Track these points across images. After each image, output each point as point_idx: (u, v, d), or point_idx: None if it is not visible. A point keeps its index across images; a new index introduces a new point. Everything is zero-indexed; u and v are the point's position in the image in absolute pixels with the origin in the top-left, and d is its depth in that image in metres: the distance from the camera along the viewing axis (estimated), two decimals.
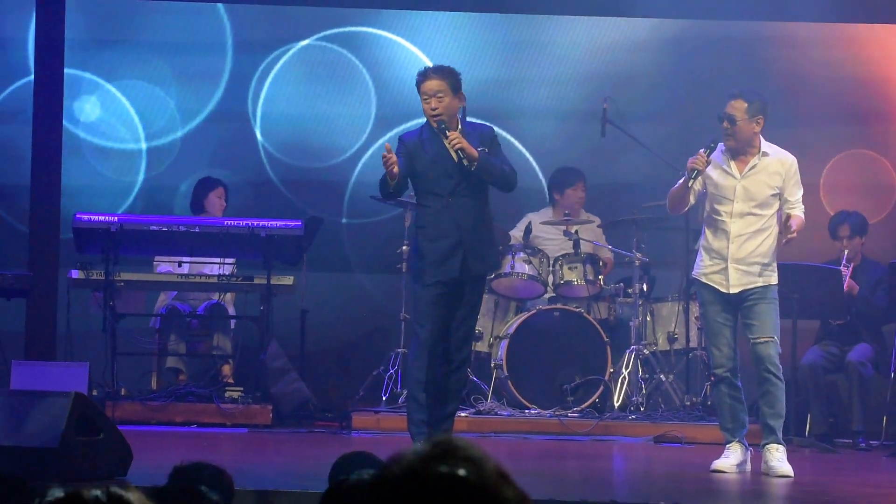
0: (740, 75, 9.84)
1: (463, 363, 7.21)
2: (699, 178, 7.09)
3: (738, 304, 7.13)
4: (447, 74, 7.09)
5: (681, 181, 7.16)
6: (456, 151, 6.95)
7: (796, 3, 9.77)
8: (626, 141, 9.79)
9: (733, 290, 7.10)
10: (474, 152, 6.94)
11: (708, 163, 7.05)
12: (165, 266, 9.65)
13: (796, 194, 7.15)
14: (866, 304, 9.17)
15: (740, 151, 7.15)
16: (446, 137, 6.97)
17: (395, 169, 6.86)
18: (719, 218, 7.14)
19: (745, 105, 7.11)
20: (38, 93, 9.97)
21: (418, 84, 7.11)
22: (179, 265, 9.41)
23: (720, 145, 7.21)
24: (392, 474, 1.83)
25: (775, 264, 7.17)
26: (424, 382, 7.01)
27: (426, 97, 7.05)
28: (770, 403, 7.07)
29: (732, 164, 7.14)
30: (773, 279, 7.14)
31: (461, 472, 1.81)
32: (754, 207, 7.10)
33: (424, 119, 7.17)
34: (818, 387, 9.01)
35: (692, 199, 7.23)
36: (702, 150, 7.07)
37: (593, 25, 10.76)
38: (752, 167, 7.13)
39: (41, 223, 9.86)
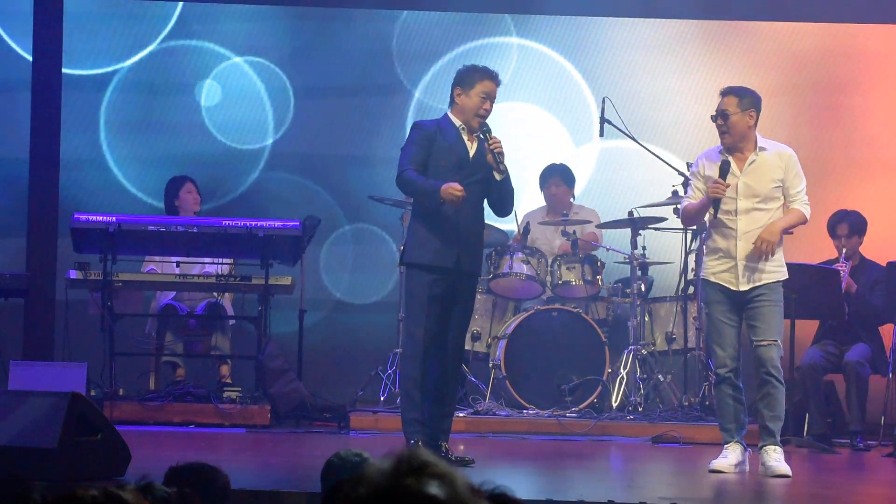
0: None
1: (458, 363, 7.21)
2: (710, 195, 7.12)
3: (745, 304, 7.12)
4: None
5: (698, 202, 7.16)
6: (494, 154, 6.96)
7: None
8: (625, 140, 9.79)
9: (743, 288, 7.10)
10: (504, 166, 7.01)
11: (727, 186, 7.07)
12: (151, 266, 9.64)
13: (798, 186, 7.16)
14: (863, 304, 9.17)
15: (736, 148, 7.16)
16: (487, 140, 6.98)
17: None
18: (725, 217, 7.14)
19: (736, 100, 7.14)
20: (37, 93, 9.98)
21: (482, 77, 7.06)
22: (178, 265, 9.40)
23: (717, 147, 7.22)
24: (360, 495, 1.74)
25: (783, 259, 7.19)
26: (420, 381, 7.01)
27: (485, 97, 7.05)
28: (770, 406, 7.06)
29: (731, 161, 7.15)
30: (782, 273, 7.15)
31: (434, 490, 1.73)
32: (758, 203, 7.11)
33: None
34: (816, 387, 9.01)
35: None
36: (719, 179, 7.07)
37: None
38: (751, 162, 7.14)
39: (39, 223, 9.87)
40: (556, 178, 10.11)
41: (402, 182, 7.06)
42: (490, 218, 9.91)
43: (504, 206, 7.19)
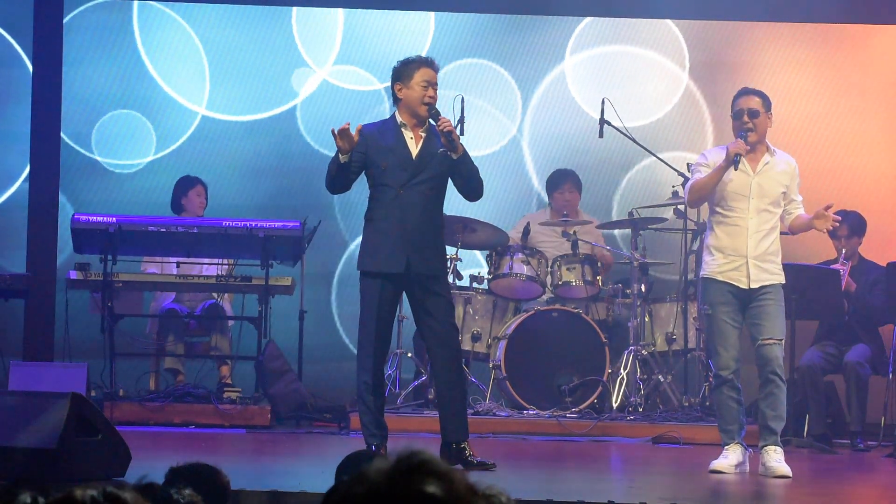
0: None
1: (455, 363, 6.99)
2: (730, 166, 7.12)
3: (749, 303, 7.14)
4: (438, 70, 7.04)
5: (711, 172, 7.13)
6: (445, 134, 6.80)
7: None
8: (625, 141, 9.79)
9: (753, 286, 7.12)
10: (460, 144, 6.86)
11: (748, 148, 7.10)
12: (153, 267, 9.64)
13: (799, 195, 7.27)
14: (863, 303, 9.17)
15: (752, 149, 7.20)
16: (437, 121, 6.83)
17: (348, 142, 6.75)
18: (735, 215, 7.16)
19: (761, 101, 7.22)
20: (37, 93, 9.99)
21: (419, 66, 6.92)
22: (178, 266, 9.40)
23: (723, 146, 7.26)
24: (357, 494, 1.73)
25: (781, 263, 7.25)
26: (373, 386, 6.87)
27: (426, 84, 6.89)
28: (772, 406, 7.08)
29: (745, 161, 7.17)
30: (783, 278, 7.21)
31: (431, 489, 1.73)
32: (768, 205, 7.18)
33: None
34: (816, 387, 9.01)
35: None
36: (739, 139, 7.11)
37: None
38: (766, 164, 7.21)
39: (40, 223, 9.87)
40: (570, 184, 10.07)
41: (326, 183, 7.00)
42: (490, 217, 9.98)
43: (471, 187, 6.98)
